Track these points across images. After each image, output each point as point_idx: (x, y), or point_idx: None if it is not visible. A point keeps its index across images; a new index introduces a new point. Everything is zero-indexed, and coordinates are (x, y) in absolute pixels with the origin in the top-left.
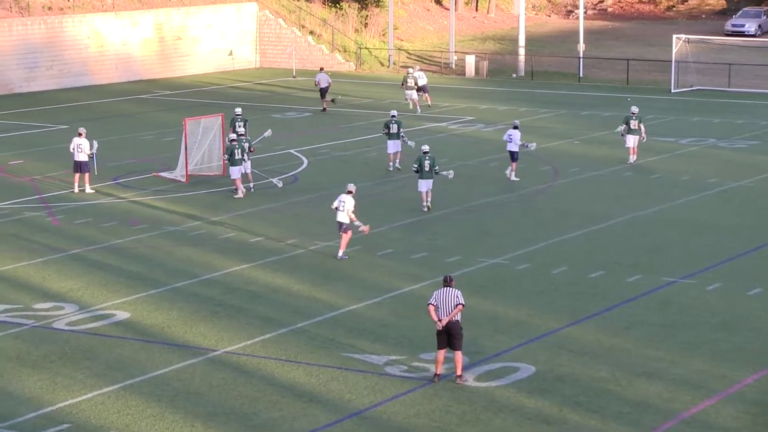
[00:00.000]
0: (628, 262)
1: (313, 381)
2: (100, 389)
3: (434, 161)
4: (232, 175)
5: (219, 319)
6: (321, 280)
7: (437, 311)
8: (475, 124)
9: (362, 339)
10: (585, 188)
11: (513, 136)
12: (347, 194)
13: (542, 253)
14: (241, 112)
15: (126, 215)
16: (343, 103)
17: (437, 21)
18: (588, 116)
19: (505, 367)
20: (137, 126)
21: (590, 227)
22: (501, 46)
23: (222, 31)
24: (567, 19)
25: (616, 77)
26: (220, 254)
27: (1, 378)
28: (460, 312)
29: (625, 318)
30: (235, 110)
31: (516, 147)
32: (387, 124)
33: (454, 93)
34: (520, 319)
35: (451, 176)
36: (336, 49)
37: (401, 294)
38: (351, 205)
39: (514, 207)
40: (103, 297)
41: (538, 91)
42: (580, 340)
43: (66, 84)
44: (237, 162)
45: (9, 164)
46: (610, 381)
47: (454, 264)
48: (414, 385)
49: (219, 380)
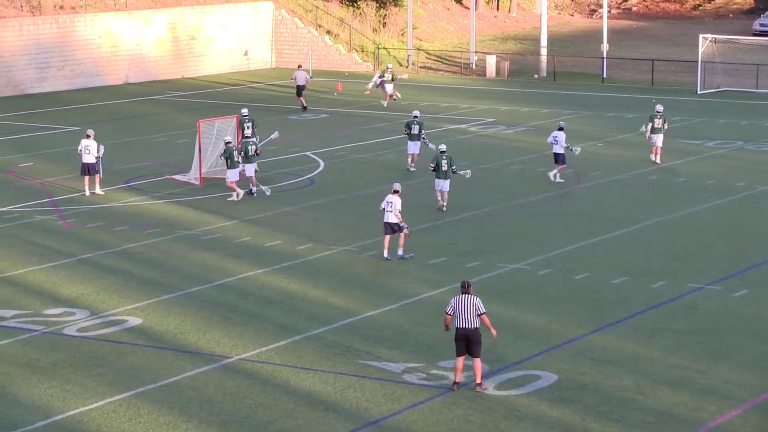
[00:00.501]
0: (653, 267)
1: (330, 389)
2: (111, 397)
3: (451, 161)
4: (229, 178)
5: (233, 326)
6: (337, 286)
7: (455, 319)
8: (496, 125)
9: (379, 346)
10: (608, 192)
11: (558, 137)
12: (393, 194)
13: (564, 259)
14: (247, 112)
15: (138, 219)
16: (360, 104)
17: (457, 20)
18: (612, 118)
19: (525, 375)
20: (150, 128)
21: (614, 232)
22: (522, 46)
23: (237, 31)
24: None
25: (640, 78)
26: (234, 259)
27: (10, 385)
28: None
29: (649, 325)
30: (241, 111)
31: (561, 149)
32: (409, 124)
33: (475, 94)
34: (541, 326)
35: (469, 176)
36: (353, 49)
37: (420, 300)
38: (399, 204)
39: (535, 211)
40: (114, 302)
41: (560, 92)
42: (602, 347)
43: (78, 85)
44: (235, 165)
45: (19, 166)
46: (634, 390)
47: (473, 269)
48: (432, 394)
49: (233, 388)
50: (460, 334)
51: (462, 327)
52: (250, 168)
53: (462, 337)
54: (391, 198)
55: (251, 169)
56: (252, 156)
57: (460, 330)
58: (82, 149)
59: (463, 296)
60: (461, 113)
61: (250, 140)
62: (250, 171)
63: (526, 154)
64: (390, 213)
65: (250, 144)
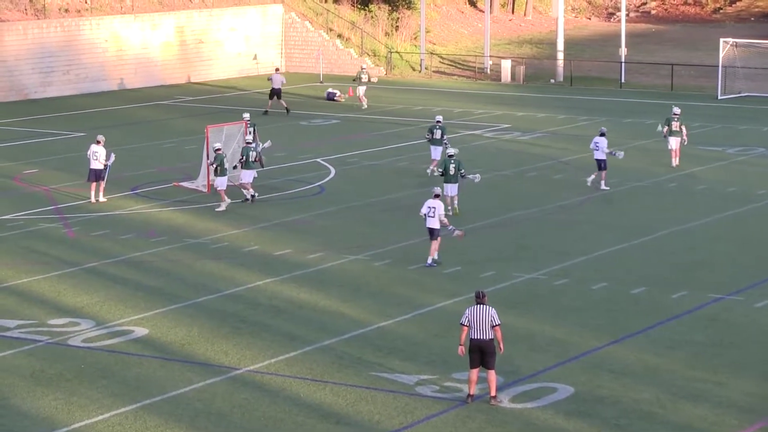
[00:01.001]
0: (672, 277)
1: (341, 401)
2: (117, 409)
3: (459, 165)
4: (218, 186)
5: (242, 336)
6: (349, 296)
7: (469, 330)
8: (512, 131)
9: (392, 357)
10: (626, 200)
11: (600, 143)
12: (435, 198)
13: (581, 268)
14: (249, 117)
15: (145, 227)
16: (373, 109)
17: (471, 24)
18: (630, 124)
19: (541, 387)
20: (157, 133)
21: (632, 241)
22: (538, 50)
23: (246, 35)
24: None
25: (659, 83)
26: (243, 268)
27: (14, 397)
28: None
29: (668, 337)
30: (243, 115)
31: (603, 155)
32: (431, 129)
33: (490, 99)
34: (557, 337)
35: (478, 180)
36: (365, 54)
37: (433, 310)
38: (441, 209)
39: (552, 219)
40: (120, 312)
41: (577, 97)
42: (621, 359)
43: (83, 89)
44: (224, 172)
45: (23, 173)
46: (653, 403)
47: (488, 279)
48: (446, 406)
49: (242, 400)
50: (474, 345)
51: (476, 338)
52: (248, 174)
53: (476, 349)
54: (432, 203)
55: (250, 176)
56: (252, 162)
57: (475, 341)
58: (91, 155)
59: (478, 306)
60: (475, 119)
61: (251, 146)
62: (249, 177)
63: (543, 160)
64: (432, 218)
65: (251, 150)
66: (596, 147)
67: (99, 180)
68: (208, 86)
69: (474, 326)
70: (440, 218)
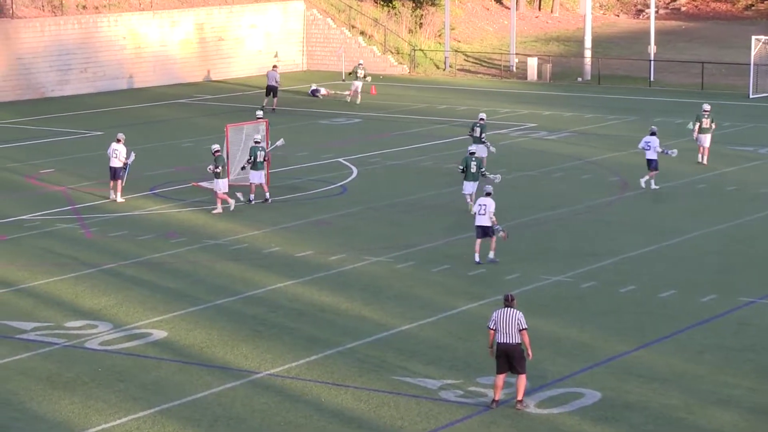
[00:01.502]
0: (702, 280)
1: (363, 406)
2: (135, 413)
3: (480, 163)
4: (220, 189)
5: (262, 339)
6: (371, 298)
7: (497, 334)
8: (538, 131)
9: (415, 361)
10: (656, 201)
11: (651, 143)
12: (486, 196)
13: (609, 271)
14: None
15: (163, 228)
16: (394, 108)
17: (497, 21)
18: (659, 123)
19: (568, 392)
20: (176, 132)
21: (661, 243)
22: (566, 48)
23: (267, 32)
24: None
25: (689, 81)
26: (263, 270)
27: (30, 401)
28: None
29: (698, 341)
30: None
31: (655, 155)
32: (473, 126)
33: (515, 98)
34: (584, 341)
35: (498, 180)
36: (388, 51)
37: (457, 313)
38: (493, 207)
39: (579, 221)
40: (138, 315)
41: (605, 96)
42: (649, 364)
43: (101, 87)
44: (223, 175)
45: (40, 173)
46: (682, 409)
47: (514, 281)
48: (470, 412)
49: (262, 405)
50: (501, 349)
51: (503, 342)
52: (257, 175)
53: (503, 353)
54: (484, 200)
55: (259, 177)
56: (260, 163)
57: (501, 345)
58: (111, 153)
59: (506, 310)
60: (501, 118)
61: (260, 146)
62: (259, 178)
63: (570, 161)
64: (483, 216)
65: (259, 149)
66: (647, 146)
67: (116, 179)
68: (228, 84)
69: (501, 330)
70: (490, 216)
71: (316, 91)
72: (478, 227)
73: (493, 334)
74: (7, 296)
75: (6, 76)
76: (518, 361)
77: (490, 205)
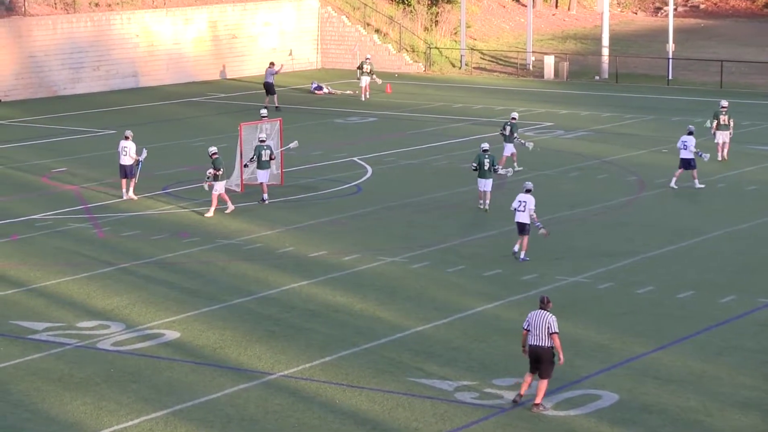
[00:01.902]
0: (721, 281)
1: (377, 408)
2: (147, 414)
3: (494, 160)
4: (217, 190)
5: (276, 340)
6: (386, 299)
7: (530, 336)
8: (554, 130)
9: (430, 362)
10: (674, 201)
11: (688, 142)
12: (526, 193)
13: (626, 271)
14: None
15: (176, 227)
16: (410, 107)
17: (513, 18)
18: (677, 122)
19: (585, 394)
20: (189, 131)
21: (679, 243)
22: (583, 46)
23: (281, 29)
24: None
25: (708, 80)
26: (277, 270)
27: (42, 402)
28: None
29: (716, 343)
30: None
31: (691, 154)
32: (504, 125)
33: (532, 97)
34: (601, 342)
35: (510, 174)
36: (403, 49)
37: (473, 314)
38: (532, 204)
39: (596, 221)
40: (151, 315)
41: (623, 95)
42: (667, 366)
43: (113, 86)
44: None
45: (52, 172)
46: (701, 411)
47: (530, 281)
48: (486, 414)
49: (275, 406)
50: (532, 351)
51: (534, 344)
52: (264, 174)
53: (533, 355)
54: (523, 197)
55: (265, 176)
56: (265, 162)
57: (532, 347)
58: (120, 150)
59: (539, 312)
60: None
61: (264, 144)
62: (264, 177)
63: (586, 160)
64: (522, 213)
65: (264, 148)
66: (684, 146)
67: (129, 176)
68: (242, 82)
69: (533, 331)
70: (530, 213)
71: (319, 88)
72: (517, 224)
73: (526, 335)
74: (18, 296)
75: (18, 74)
76: (545, 365)
77: (530, 201)
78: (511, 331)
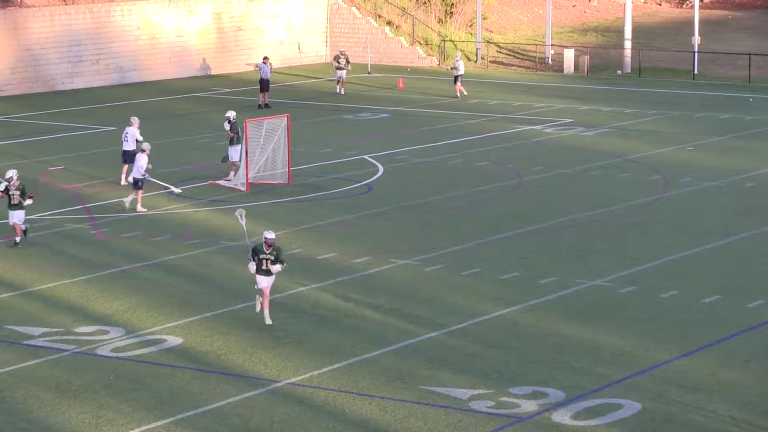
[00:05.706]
0: (749, 285)
1: (388, 417)
2: (148, 423)
3: None
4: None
5: (282, 347)
6: (398, 303)
7: None
8: (575, 127)
9: (444, 370)
10: (699, 201)
11: None
12: None
13: (650, 275)
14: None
15: (179, 228)
16: (423, 103)
17: (531, 10)
18: (703, 118)
19: (606, 403)
20: (192, 127)
21: (705, 245)
22: (604, 39)
23: (288, 22)
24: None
25: (736, 74)
26: (284, 273)
27: (38, 410)
28: None
29: (744, 350)
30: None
31: None
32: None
33: (551, 92)
34: (623, 349)
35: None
36: (417, 42)
37: (489, 319)
38: None
39: (618, 222)
40: (152, 320)
41: (646, 90)
42: (692, 374)
43: (113, 80)
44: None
45: (49, 170)
46: (728, 421)
47: (549, 285)
48: (502, 423)
49: (282, 415)
50: None
51: None
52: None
53: None
54: None
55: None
56: None
57: None
58: (123, 137)
59: None
60: (535, 113)
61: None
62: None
63: (608, 158)
64: None
65: None
66: None
67: (129, 162)
68: (248, 77)
69: None
70: None
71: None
72: None
73: None
74: (14, 300)
75: (14, 67)
76: None
77: None
78: (529, 337)
